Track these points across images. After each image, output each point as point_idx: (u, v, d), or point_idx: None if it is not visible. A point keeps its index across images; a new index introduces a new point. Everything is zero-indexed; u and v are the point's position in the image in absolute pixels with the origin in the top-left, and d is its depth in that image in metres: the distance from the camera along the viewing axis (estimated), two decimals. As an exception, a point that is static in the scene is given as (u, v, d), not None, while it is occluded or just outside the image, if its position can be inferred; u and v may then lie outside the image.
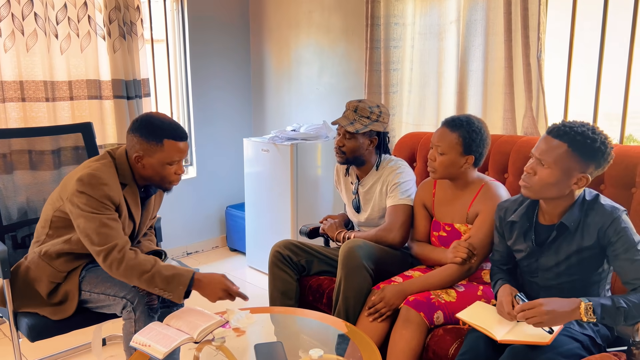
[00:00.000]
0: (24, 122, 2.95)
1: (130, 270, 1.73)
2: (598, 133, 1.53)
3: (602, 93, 2.41)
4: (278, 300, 2.23)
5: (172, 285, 1.74)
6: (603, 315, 1.45)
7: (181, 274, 1.75)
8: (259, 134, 4.07)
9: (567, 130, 1.53)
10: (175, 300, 1.76)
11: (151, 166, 1.83)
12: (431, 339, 1.80)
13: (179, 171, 1.87)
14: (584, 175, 1.53)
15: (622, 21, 2.32)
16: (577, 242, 1.59)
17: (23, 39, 2.87)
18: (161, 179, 1.87)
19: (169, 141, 1.80)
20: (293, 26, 3.73)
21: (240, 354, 1.68)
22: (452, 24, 2.74)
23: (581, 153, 1.51)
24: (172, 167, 1.85)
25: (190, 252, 3.98)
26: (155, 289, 1.75)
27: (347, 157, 2.24)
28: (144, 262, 1.74)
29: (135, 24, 3.22)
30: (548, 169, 1.54)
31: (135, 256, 1.75)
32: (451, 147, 1.92)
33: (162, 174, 1.85)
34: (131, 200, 1.88)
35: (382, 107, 2.23)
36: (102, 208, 1.76)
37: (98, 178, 1.77)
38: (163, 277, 1.73)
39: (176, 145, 1.82)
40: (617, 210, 1.54)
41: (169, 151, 1.81)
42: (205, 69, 3.84)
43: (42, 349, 2.55)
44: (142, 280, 1.74)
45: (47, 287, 1.88)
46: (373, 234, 2.15)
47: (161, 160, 1.82)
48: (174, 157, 1.83)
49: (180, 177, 1.90)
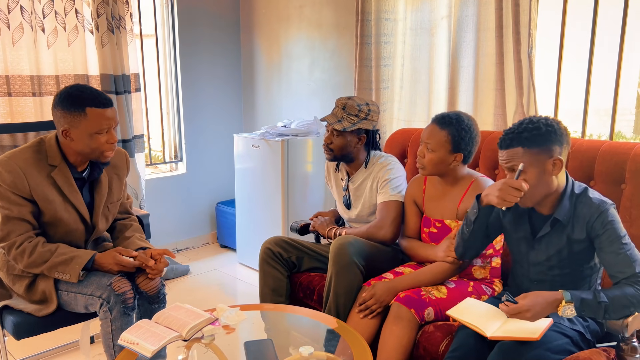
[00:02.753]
0: (10, 117, 2.90)
1: (32, 263, 1.79)
2: (537, 120, 1.56)
3: (592, 90, 2.42)
4: (268, 297, 2.22)
5: (69, 266, 1.79)
6: (583, 309, 1.47)
7: (79, 256, 1.81)
8: (249, 130, 4.05)
9: (511, 136, 1.56)
10: (72, 280, 1.80)
11: (79, 138, 1.79)
12: (422, 336, 1.80)
13: (110, 140, 1.82)
14: (554, 159, 1.54)
15: (612, 18, 2.33)
16: (567, 235, 1.60)
17: (9, 32, 2.82)
18: (92, 151, 1.82)
19: (92, 109, 1.76)
20: (284, 21, 3.70)
21: (230, 351, 1.67)
22: (444, 19, 2.73)
23: (537, 144, 1.53)
24: (102, 137, 1.80)
25: (181, 249, 3.96)
26: (57, 275, 1.80)
27: (335, 155, 2.23)
28: (44, 253, 1.79)
29: (124, 17, 3.18)
30: (525, 174, 1.56)
31: (34, 249, 1.78)
32: (440, 144, 1.92)
33: (92, 145, 1.80)
34: (63, 181, 1.83)
35: (371, 104, 2.22)
36: (5, 200, 1.76)
37: (4, 165, 1.76)
38: (62, 261, 1.79)
39: (100, 113, 1.77)
40: (604, 204, 1.56)
41: (93, 119, 1.77)
42: (195, 64, 3.81)
43: (29, 347, 2.52)
44: (44, 269, 1.80)
45: (22, 282, 1.87)
46: (364, 230, 2.15)
47: (88, 130, 1.77)
48: (101, 125, 1.78)
49: (113, 146, 1.85)
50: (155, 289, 1.92)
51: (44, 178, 1.80)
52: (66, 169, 1.84)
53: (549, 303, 1.49)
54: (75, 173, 1.88)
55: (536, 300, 1.49)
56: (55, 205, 1.82)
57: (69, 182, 1.85)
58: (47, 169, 1.81)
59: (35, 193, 1.78)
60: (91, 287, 1.82)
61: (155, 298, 1.94)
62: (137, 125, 3.38)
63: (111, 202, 2.00)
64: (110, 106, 1.81)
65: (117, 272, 1.84)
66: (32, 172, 1.78)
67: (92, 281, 1.83)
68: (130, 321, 1.80)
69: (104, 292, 1.79)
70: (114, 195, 2.01)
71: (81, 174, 1.90)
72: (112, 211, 2.03)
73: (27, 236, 1.80)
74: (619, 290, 1.48)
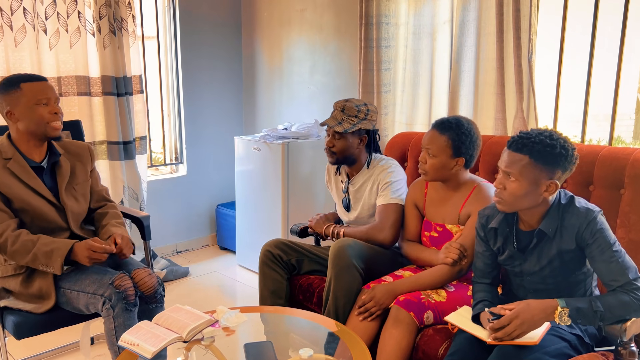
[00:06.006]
0: (11, 118, 2.91)
1: (15, 252, 1.82)
2: (556, 138, 1.54)
3: (592, 94, 2.43)
4: (268, 300, 2.22)
5: (52, 259, 1.82)
6: (578, 317, 1.47)
7: (59, 247, 1.83)
8: (250, 132, 4.05)
9: (525, 141, 1.55)
10: (56, 272, 1.83)
11: (22, 114, 1.87)
12: (421, 339, 1.80)
13: (52, 110, 1.90)
14: (552, 182, 1.55)
15: (612, 24, 2.34)
16: (556, 246, 1.60)
17: (11, 34, 2.83)
18: (37, 125, 1.89)
19: (26, 84, 1.86)
20: (285, 24, 3.71)
21: (230, 353, 1.68)
22: (445, 24, 2.75)
23: (544, 161, 1.53)
24: (43, 108, 1.88)
25: (180, 251, 3.96)
26: (41, 267, 1.84)
27: (337, 157, 2.24)
28: (26, 242, 1.82)
29: (126, 20, 3.19)
30: (516, 182, 1.56)
31: (17, 238, 1.81)
32: (441, 149, 1.93)
33: (34, 119, 1.87)
34: (20, 170, 1.89)
35: (369, 105, 2.23)
36: None
37: None
38: (43, 252, 1.82)
39: (34, 85, 1.87)
40: (592, 212, 1.55)
41: (29, 92, 1.86)
42: (196, 66, 3.82)
43: (29, 348, 2.52)
44: (27, 261, 1.83)
45: (17, 279, 1.89)
46: (364, 231, 2.15)
47: (26, 103, 1.86)
48: (37, 95, 1.86)
49: (57, 116, 1.92)
50: (152, 289, 1.93)
51: (1, 169, 1.87)
52: (20, 158, 1.91)
53: (542, 310, 1.48)
54: (33, 163, 1.94)
55: (527, 307, 1.49)
56: (18, 191, 1.88)
57: (25, 169, 1.91)
58: (2, 162, 1.88)
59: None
60: (93, 285, 1.84)
61: (152, 298, 1.95)
62: (138, 127, 3.39)
63: (76, 183, 2.05)
64: (44, 80, 1.91)
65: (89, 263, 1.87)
66: None
67: (94, 280, 1.85)
68: (133, 317, 1.82)
69: (106, 290, 1.81)
70: (78, 177, 2.06)
71: (39, 163, 1.95)
72: (80, 192, 2.06)
73: (7, 224, 1.84)
74: (614, 298, 1.48)
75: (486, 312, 1.60)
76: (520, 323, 1.47)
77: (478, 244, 1.79)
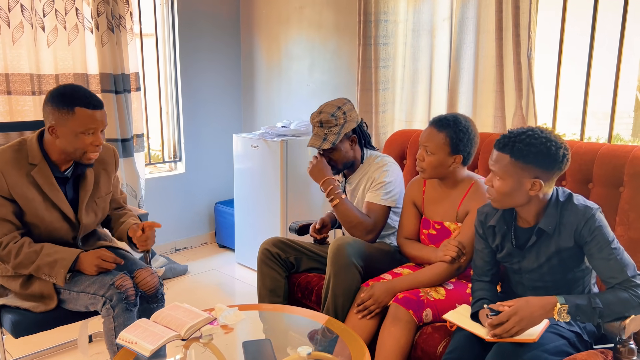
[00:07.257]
0: (9, 115, 2.90)
1: (20, 264, 1.80)
2: (539, 137, 1.52)
3: (591, 92, 2.43)
4: (267, 298, 2.22)
5: (55, 270, 1.81)
6: (578, 314, 1.47)
7: (63, 258, 1.82)
8: (248, 130, 4.05)
9: (507, 141, 1.55)
10: (59, 284, 1.82)
11: (64, 136, 1.79)
12: (420, 337, 1.80)
13: (95, 142, 1.82)
14: (535, 180, 1.54)
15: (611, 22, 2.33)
16: (555, 243, 1.59)
17: (9, 31, 2.82)
18: (75, 150, 1.82)
19: (81, 109, 1.76)
20: (284, 21, 3.70)
21: (228, 351, 1.67)
22: (445, 21, 2.74)
23: (524, 160, 1.52)
24: (88, 138, 1.80)
25: (179, 249, 3.95)
26: (44, 277, 1.83)
27: (339, 168, 2.25)
28: (30, 254, 1.80)
29: (124, 17, 3.18)
30: (501, 180, 1.57)
31: (20, 250, 1.79)
32: (439, 147, 1.92)
33: (76, 145, 1.80)
34: (43, 180, 1.83)
35: (342, 105, 2.18)
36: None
37: None
38: (47, 263, 1.81)
39: (88, 113, 1.77)
40: (590, 210, 1.54)
41: (80, 119, 1.77)
42: (195, 63, 3.81)
43: (27, 346, 2.51)
44: (31, 270, 1.81)
45: (16, 280, 1.88)
46: (357, 217, 2.11)
47: (74, 129, 1.77)
48: (87, 125, 1.78)
49: (98, 148, 1.85)
50: (153, 289, 1.93)
51: (23, 177, 1.80)
52: (46, 167, 1.84)
53: (542, 307, 1.48)
54: (57, 172, 1.88)
55: (526, 304, 1.49)
56: (36, 204, 1.82)
57: (49, 180, 1.84)
58: (26, 168, 1.81)
59: (14, 192, 1.79)
60: (94, 286, 1.83)
61: (154, 297, 1.95)
62: (136, 124, 3.38)
63: (99, 196, 2.00)
64: (100, 109, 1.82)
65: (95, 272, 1.86)
66: (11, 172, 1.79)
67: (94, 280, 1.84)
68: (133, 317, 1.81)
69: (107, 290, 1.80)
70: (102, 189, 2.00)
71: (63, 173, 1.90)
72: (101, 205, 2.02)
73: (12, 237, 1.80)
74: (613, 296, 1.48)
75: (485, 310, 1.60)
76: (519, 320, 1.47)
77: (477, 242, 1.79)
